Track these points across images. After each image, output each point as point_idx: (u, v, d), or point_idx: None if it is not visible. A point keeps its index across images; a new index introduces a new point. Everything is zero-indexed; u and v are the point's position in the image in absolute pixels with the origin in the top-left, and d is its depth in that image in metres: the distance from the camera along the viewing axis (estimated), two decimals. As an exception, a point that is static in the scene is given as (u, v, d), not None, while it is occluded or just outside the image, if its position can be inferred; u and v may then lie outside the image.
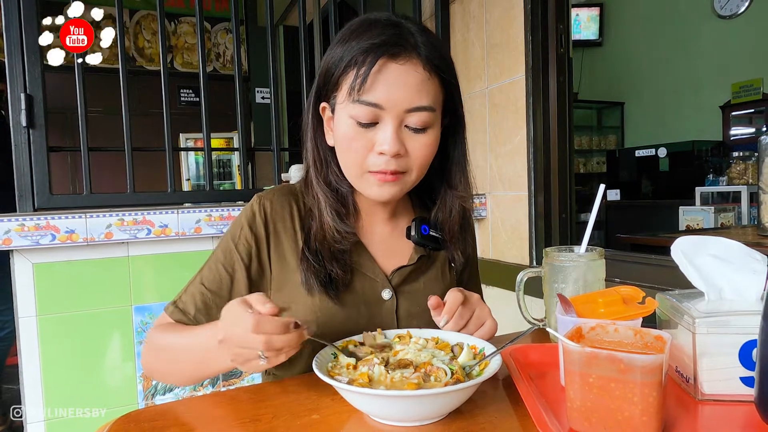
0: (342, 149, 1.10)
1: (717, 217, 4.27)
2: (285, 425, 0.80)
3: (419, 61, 1.04)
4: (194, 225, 2.12)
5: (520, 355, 1.02)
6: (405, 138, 1.06)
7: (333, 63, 1.08)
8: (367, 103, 1.02)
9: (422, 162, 1.10)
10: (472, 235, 1.41)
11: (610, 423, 0.70)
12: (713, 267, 0.94)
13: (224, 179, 6.17)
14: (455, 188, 1.22)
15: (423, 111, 1.04)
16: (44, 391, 1.98)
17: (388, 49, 1.02)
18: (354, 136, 1.06)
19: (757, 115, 6.30)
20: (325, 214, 1.13)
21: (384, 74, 1.02)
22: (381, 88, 1.02)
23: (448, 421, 0.79)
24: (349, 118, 1.05)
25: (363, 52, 1.02)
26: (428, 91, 1.05)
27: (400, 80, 1.02)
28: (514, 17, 2.37)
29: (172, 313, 1.16)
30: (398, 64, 1.02)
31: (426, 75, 1.04)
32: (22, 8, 1.99)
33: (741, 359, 0.81)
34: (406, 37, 1.04)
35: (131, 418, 0.85)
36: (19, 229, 1.88)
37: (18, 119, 1.99)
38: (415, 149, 1.07)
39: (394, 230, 1.25)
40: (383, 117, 1.04)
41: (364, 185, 1.11)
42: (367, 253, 1.19)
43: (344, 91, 1.05)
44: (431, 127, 1.08)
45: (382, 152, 1.04)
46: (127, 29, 6.64)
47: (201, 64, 2.40)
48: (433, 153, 1.11)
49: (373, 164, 1.06)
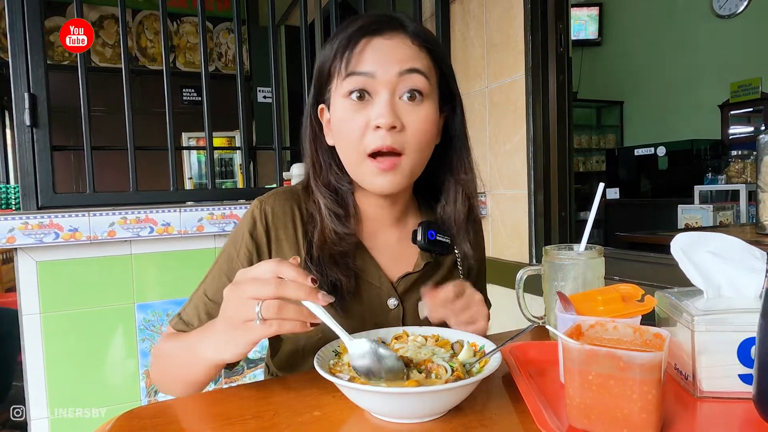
0: (339, 135, 1.08)
1: (716, 215, 4.26)
2: (286, 422, 0.79)
3: (407, 36, 1.04)
4: (196, 223, 2.13)
5: (520, 353, 1.01)
6: (400, 111, 1.02)
7: (323, 60, 1.08)
8: (358, 73, 1.01)
9: (420, 138, 1.05)
10: (481, 238, 1.37)
11: (609, 420, 0.69)
12: (712, 264, 0.94)
13: (226, 178, 6.19)
14: (458, 174, 1.19)
15: (415, 73, 1.02)
16: (48, 387, 1.99)
17: (372, 27, 1.02)
18: (349, 116, 1.03)
19: (756, 114, 6.31)
20: (325, 217, 1.11)
21: (372, 47, 1.02)
22: (370, 58, 1.01)
23: (448, 417, 0.79)
24: (342, 99, 1.04)
25: (347, 37, 1.03)
26: (420, 59, 1.04)
27: (389, 49, 1.02)
28: (513, 17, 2.38)
29: (176, 325, 1.13)
30: (384, 39, 1.02)
31: (416, 48, 1.04)
32: (26, 8, 1.99)
33: (739, 357, 0.81)
34: (392, 21, 1.05)
35: (134, 415, 0.84)
36: (22, 227, 1.89)
37: (21, 118, 1.99)
38: (412, 122, 1.03)
39: (401, 235, 1.22)
40: (376, 88, 1.02)
41: (363, 174, 1.07)
42: (371, 260, 1.16)
43: (335, 79, 1.05)
44: (427, 98, 1.05)
45: (378, 125, 1.01)
46: (129, 29, 6.65)
47: (203, 63, 2.41)
48: (431, 130, 1.07)
49: (370, 142, 1.02)
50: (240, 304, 0.81)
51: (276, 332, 0.81)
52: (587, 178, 7.90)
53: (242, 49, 2.48)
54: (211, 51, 7.05)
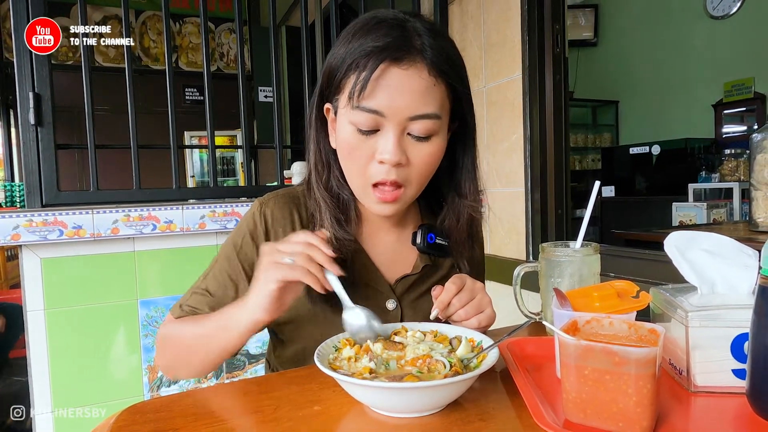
0: (343, 157, 1.06)
1: (709, 213, 4.26)
2: (287, 416, 0.79)
3: (424, 66, 0.96)
4: (198, 221, 2.15)
5: (517, 348, 1.01)
6: (407, 146, 1.00)
7: (335, 64, 1.02)
8: (367, 110, 0.96)
9: (424, 172, 1.04)
10: (480, 243, 1.36)
11: (604, 414, 0.70)
12: (706, 261, 0.94)
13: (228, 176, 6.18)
14: (464, 197, 1.17)
15: (427, 119, 0.98)
16: (52, 382, 2.00)
17: (390, 53, 0.95)
18: (355, 143, 1.00)
19: (749, 114, 6.31)
20: (326, 221, 1.10)
21: (385, 80, 0.95)
22: (382, 95, 0.95)
23: (447, 412, 0.79)
24: (350, 125, 1.00)
25: (365, 55, 0.96)
26: (434, 98, 0.98)
27: (403, 86, 0.95)
28: (511, 18, 2.38)
29: (180, 315, 1.12)
30: (401, 69, 0.95)
31: (431, 81, 0.97)
32: (30, 8, 2.00)
33: (733, 352, 0.81)
34: (412, 40, 0.97)
35: (137, 410, 0.84)
36: (27, 224, 1.90)
37: (26, 117, 2.00)
38: (417, 158, 1.01)
39: (400, 237, 1.21)
40: (384, 124, 0.98)
41: (365, 199, 1.07)
42: (370, 262, 1.15)
43: (345, 95, 0.99)
44: (436, 135, 1.02)
45: (383, 161, 0.99)
46: (133, 29, 6.62)
47: (205, 63, 2.41)
48: (436, 163, 1.06)
49: (374, 173, 1.01)
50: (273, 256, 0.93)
51: (297, 277, 0.91)
52: (583, 176, 7.88)
53: (244, 50, 2.48)
54: (213, 51, 7.02)
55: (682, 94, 6.91)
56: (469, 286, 1.05)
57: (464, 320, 1.03)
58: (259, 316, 0.94)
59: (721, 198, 4.79)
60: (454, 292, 1.03)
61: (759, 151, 2.15)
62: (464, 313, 1.03)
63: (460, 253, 1.23)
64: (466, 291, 1.04)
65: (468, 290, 1.05)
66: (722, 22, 6.39)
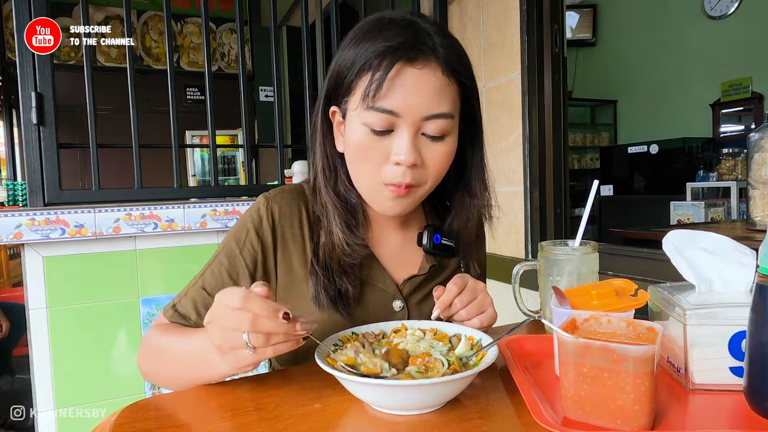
0: (355, 159, 1.03)
1: (707, 211, 4.25)
2: (288, 413, 0.80)
3: (438, 65, 0.96)
4: (200, 219, 2.15)
5: (516, 346, 1.01)
6: (421, 146, 0.99)
7: (345, 66, 1.00)
8: (382, 110, 0.95)
9: (438, 172, 1.03)
10: (484, 243, 1.38)
11: (603, 411, 0.70)
12: (703, 260, 0.93)
13: (229, 175, 6.16)
14: (475, 196, 1.16)
15: (441, 118, 0.97)
16: (54, 380, 2.01)
17: (405, 52, 0.94)
18: (368, 144, 0.98)
19: (746, 113, 6.34)
20: (334, 226, 1.07)
21: (401, 79, 0.94)
22: (397, 95, 0.94)
23: (446, 409, 0.79)
24: (363, 126, 0.98)
25: (378, 55, 0.95)
26: (447, 97, 0.98)
27: (418, 86, 0.95)
28: (510, 18, 2.38)
29: (172, 317, 1.09)
30: (416, 69, 0.94)
31: (445, 80, 0.97)
32: (33, 9, 2.00)
33: (730, 350, 0.81)
34: (424, 39, 0.96)
35: (138, 407, 0.84)
36: (29, 223, 1.91)
37: (29, 116, 2.00)
38: (432, 158, 1.00)
39: (406, 238, 1.20)
40: (399, 124, 0.96)
41: (375, 197, 1.05)
42: (377, 264, 1.14)
43: (357, 96, 0.98)
44: (449, 134, 1.01)
45: (399, 162, 0.97)
46: (134, 29, 6.61)
47: (206, 63, 2.42)
48: (449, 162, 1.05)
49: (388, 175, 1.00)
50: (224, 335, 0.80)
51: (272, 356, 0.81)
52: (582, 175, 7.92)
53: (245, 49, 2.48)
54: (214, 51, 7.00)
55: (680, 94, 6.93)
56: (470, 287, 1.05)
57: (466, 320, 1.03)
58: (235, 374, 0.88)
59: (718, 197, 4.81)
60: (455, 292, 1.03)
61: (756, 150, 2.15)
62: (466, 314, 1.03)
63: (469, 254, 1.23)
64: (468, 291, 1.04)
65: (469, 290, 1.05)
66: (720, 22, 6.41)
